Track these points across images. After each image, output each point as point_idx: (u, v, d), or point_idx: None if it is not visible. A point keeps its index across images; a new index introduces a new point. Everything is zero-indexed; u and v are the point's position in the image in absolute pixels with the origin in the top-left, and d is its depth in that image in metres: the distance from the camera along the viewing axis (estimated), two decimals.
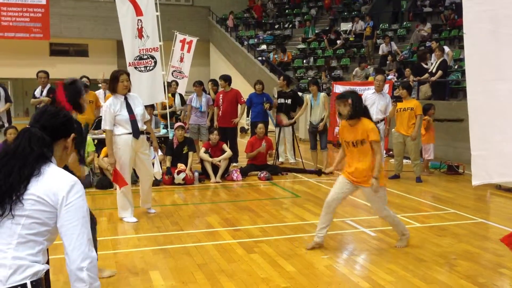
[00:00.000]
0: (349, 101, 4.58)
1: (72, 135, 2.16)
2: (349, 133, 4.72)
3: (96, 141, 8.09)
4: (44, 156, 2.00)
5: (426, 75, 11.72)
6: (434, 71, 11.31)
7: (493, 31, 2.14)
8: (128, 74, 5.76)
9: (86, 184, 7.52)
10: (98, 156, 7.88)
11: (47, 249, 2.04)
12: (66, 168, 2.19)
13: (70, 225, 1.92)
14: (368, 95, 8.58)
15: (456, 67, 12.91)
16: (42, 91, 8.97)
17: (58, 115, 2.12)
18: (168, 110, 8.85)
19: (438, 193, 7.49)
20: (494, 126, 2.19)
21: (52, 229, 1.96)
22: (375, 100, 8.36)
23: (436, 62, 11.34)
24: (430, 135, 8.96)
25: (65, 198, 1.94)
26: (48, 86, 8.99)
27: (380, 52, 15.87)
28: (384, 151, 5.03)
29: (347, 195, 4.85)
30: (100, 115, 8.04)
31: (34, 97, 9.03)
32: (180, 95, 10.93)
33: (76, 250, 1.90)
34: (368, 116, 4.73)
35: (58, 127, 2.10)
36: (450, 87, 11.81)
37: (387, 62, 14.42)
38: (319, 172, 4.68)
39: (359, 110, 4.64)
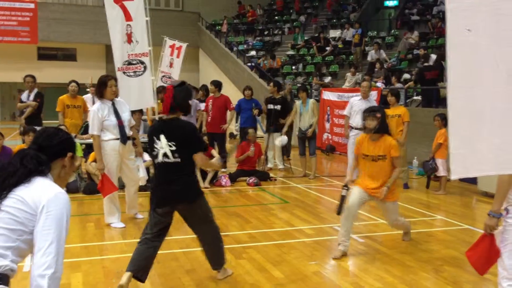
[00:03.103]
0: (378, 115, 4.73)
1: (69, 154, 2.22)
2: (369, 147, 4.82)
3: (84, 146, 8.04)
4: (37, 171, 2.06)
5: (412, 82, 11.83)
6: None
7: (473, 42, 2.31)
8: (116, 80, 5.74)
9: (73, 189, 7.46)
10: (86, 161, 7.83)
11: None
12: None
13: (45, 232, 1.94)
14: (355, 101, 8.64)
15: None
16: (29, 95, 8.90)
17: (55, 136, 2.21)
18: (157, 116, 8.82)
19: (425, 200, 7.55)
20: (471, 128, 2.40)
21: (29, 232, 1.97)
22: (361, 107, 8.41)
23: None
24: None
25: (46, 205, 1.97)
26: (35, 90, 8.92)
27: (369, 59, 16.00)
28: None
29: (364, 202, 4.94)
30: (87, 120, 8.00)
31: (21, 101, 8.96)
32: None
33: (44, 257, 1.90)
34: (389, 133, 4.90)
35: (54, 147, 2.18)
36: (438, 94, 11.91)
37: (375, 69, 14.55)
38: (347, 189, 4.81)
39: (385, 126, 4.81)
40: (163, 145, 3.75)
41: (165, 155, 3.75)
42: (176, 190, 3.75)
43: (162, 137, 3.76)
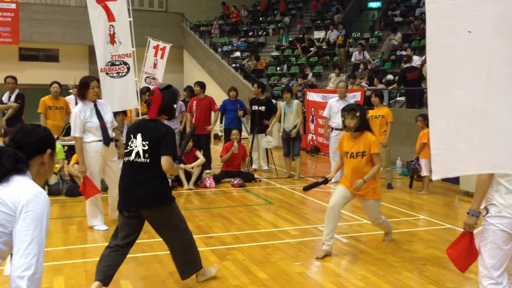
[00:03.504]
0: (358, 114, 4.75)
1: (49, 151, 2.17)
2: (349, 144, 4.86)
3: (66, 147, 7.95)
4: (15, 169, 2.02)
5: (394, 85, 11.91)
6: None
7: (452, 43, 2.34)
8: (98, 81, 5.68)
9: (55, 191, 7.37)
10: (68, 163, 7.74)
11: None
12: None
13: (23, 232, 1.90)
14: (333, 102, 8.71)
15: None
16: (10, 97, 8.77)
17: (33, 133, 2.16)
18: (141, 117, 8.75)
19: (408, 200, 7.61)
20: (451, 128, 2.44)
21: (9, 233, 1.94)
22: (340, 107, 8.48)
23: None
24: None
25: (25, 205, 1.93)
26: (16, 91, 8.80)
27: (353, 60, 16.12)
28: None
29: (347, 201, 4.98)
30: (69, 121, 7.91)
31: (2, 102, 8.82)
32: None
33: (23, 258, 1.87)
34: (370, 130, 4.92)
35: (33, 144, 2.13)
36: (421, 95, 12.02)
37: (359, 70, 14.65)
38: (324, 181, 4.99)
39: (365, 123, 4.84)
40: (137, 144, 3.72)
41: (137, 154, 3.71)
42: (141, 194, 3.67)
43: (138, 136, 3.74)
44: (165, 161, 3.63)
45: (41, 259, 1.91)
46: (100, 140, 5.53)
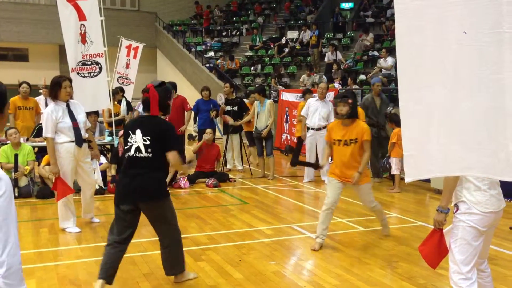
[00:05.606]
0: (350, 101, 4.82)
1: None
2: (341, 132, 4.94)
3: (36, 149, 7.79)
4: None
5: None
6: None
7: (420, 44, 2.35)
8: (70, 80, 5.59)
9: (26, 194, 7.23)
10: (39, 165, 7.59)
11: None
12: None
13: None
14: (312, 102, 8.76)
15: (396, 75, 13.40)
16: None
17: None
18: (114, 118, 8.65)
19: (381, 198, 7.72)
20: (422, 129, 2.43)
21: None
22: (318, 107, 8.57)
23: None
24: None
25: None
26: None
27: (326, 60, 16.26)
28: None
29: (341, 192, 5.11)
30: (40, 122, 7.77)
31: None
32: (127, 101, 10.72)
33: None
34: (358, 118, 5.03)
35: None
36: (392, 95, 12.20)
37: (332, 70, 14.79)
38: (315, 166, 5.15)
39: (356, 111, 4.92)
40: (137, 139, 3.78)
41: (137, 149, 3.77)
42: (139, 186, 3.73)
43: (138, 131, 3.79)
44: (172, 156, 3.76)
45: (13, 250, 1.70)
46: (73, 141, 5.44)
